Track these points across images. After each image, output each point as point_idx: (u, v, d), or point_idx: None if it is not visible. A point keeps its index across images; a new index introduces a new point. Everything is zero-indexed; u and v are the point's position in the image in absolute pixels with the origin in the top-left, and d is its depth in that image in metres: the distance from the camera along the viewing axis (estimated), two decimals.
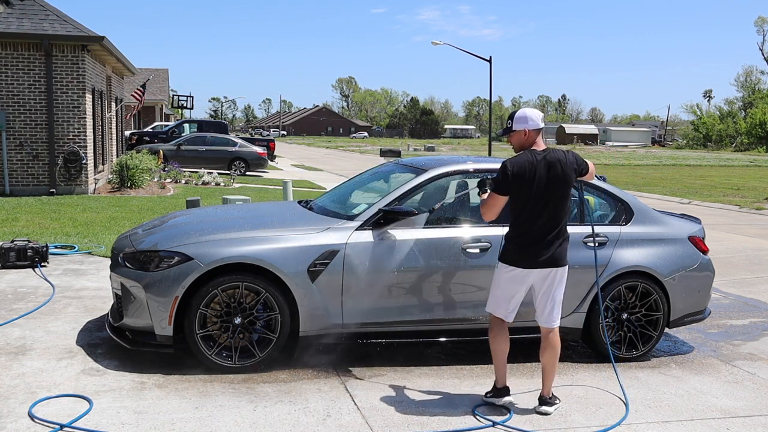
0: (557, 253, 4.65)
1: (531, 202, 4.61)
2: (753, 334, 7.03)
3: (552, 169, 4.60)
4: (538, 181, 4.58)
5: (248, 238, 5.29)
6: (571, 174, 4.68)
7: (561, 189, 4.63)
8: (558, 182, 4.61)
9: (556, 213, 4.63)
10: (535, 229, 4.63)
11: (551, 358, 4.78)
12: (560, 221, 4.66)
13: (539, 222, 4.62)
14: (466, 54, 35.59)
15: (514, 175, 4.59)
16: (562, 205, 4.65)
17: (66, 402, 4.54)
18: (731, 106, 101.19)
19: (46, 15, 15.60)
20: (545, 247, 4.62)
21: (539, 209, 4.61)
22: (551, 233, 4.62)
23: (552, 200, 4.60)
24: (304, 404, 4.69)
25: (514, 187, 4.61)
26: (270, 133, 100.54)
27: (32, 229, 10.98)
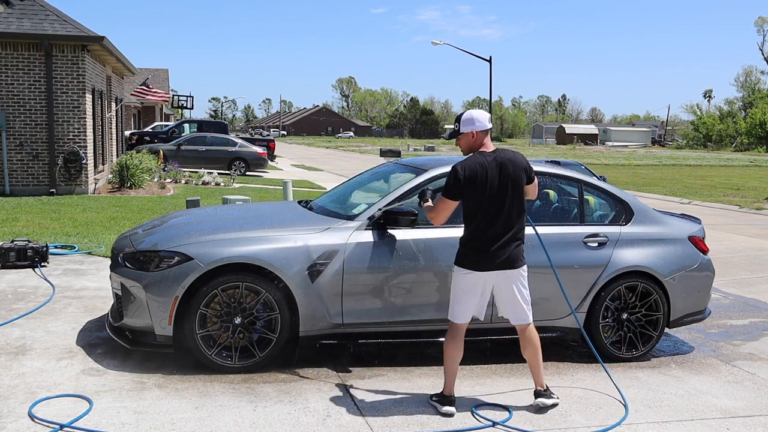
0: (513, 254, 4.63)
1: (485, 205, 4.57)
2: (753, 334, 7.03)
3: (503, 170, 4.58)
4: (490, 182, 4.55)
5: (248, 238, 5.29)
6: (522, 174, 4.65)
7: (513, 190, 4.60)
8: (510, 183, 4.58)
9: (510, 214, 4.60)
10: (490, 232, 4.59)
11: (533, 354, 4.78)
12: (515, 223, 4.63)
13: (494, 224, 4.58)
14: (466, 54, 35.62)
15: (466, 178, 4.55)
16: (516, 206, 4.62)
17: (66, 402, 4.54)
18: (731, 106, 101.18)
19: (46, 15, 15.60)
20: (501, 248, 4.59)
21: (494, 211, 4.57)
22: (507, 235, 4.60)
23: (506, 202, 4.58)
24: (304, 404, 4.69)
25: (467, 190, 4.57)
26: (270, 133, 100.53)
27: (32, 229, 10.98)
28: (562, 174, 6.22)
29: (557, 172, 6.23)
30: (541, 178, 6.13)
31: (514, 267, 4.65)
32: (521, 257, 4.69)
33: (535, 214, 6.09)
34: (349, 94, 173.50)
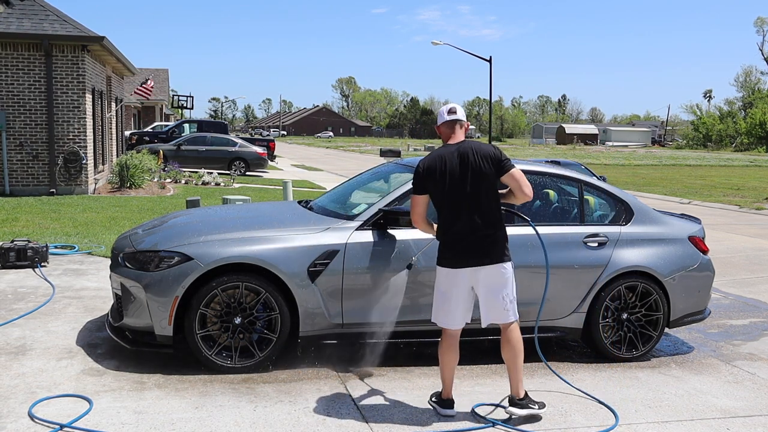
0: (487, 249, 4.40)
1: (448, 198, 4.44)
2: (753, 334, 7.03)
3: (463, 160, 4.40)
4: (450, 173, 4.41)
5: (248, 238, 5.29)
6: (485, 164, 4.38)
7: (477, 180, 4.38)
8: (471, 173, 4.38)
9: (478, 206, 4.40)
10: (456, 227, 4.44)
11: (512, 357, 4.52)
12: (486, 215, 4.41)
13: (459, 218, 4.43)
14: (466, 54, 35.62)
15: (426, 170, 4.46)
16: (483, 197, 4.40)
17: (66, 402, 4.54)
18: (731, 106, 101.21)
19: (46, 15, 15.60)
20: (470, 244, 4.41)
21: (456, 204, 4.43)
22: (474, 229, 4.40)
23: (468, 193, 4.39)
24: (304, 404, 4.69)
25: (428, 184, 4.48)
26: (270, 133, 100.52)
27: (32, 229, 10.98)
28: (562, 174, 6.22)
29: (557, 172, 6.23)
30: (541, 178, 6.15)
31: (490, 262, 4.40)
32: (498, 252, 4.43)
33: (535, 214, 6.09)
34: (349, 94, 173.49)
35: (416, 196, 4.55)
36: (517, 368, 4.54)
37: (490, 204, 4.45)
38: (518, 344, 4.52)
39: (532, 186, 6.12)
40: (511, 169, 4.45)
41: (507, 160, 4.47)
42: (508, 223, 4.81)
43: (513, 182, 4.46)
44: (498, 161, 4.43)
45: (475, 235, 4.42)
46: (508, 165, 4.45)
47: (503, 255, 4.46)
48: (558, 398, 5.02)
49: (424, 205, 4.57)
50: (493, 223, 4.46)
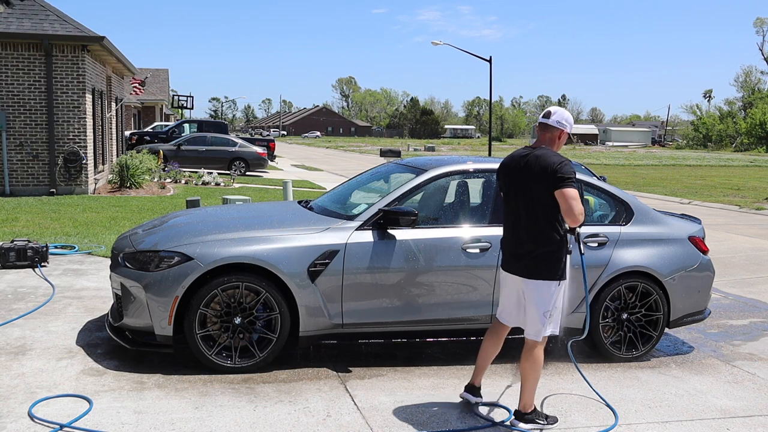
0: (527, 262, 4.33)
1: (505, 200, 4.54)
2: (753, 334, 7.03)
3: (526, 166, 4.33)
4: (511, 176, 4.44)
5: (248, 238, 5.29)
6: (541, 174, 4.22)
7: (529, 189, 4.30)
8: (527, 181, 4.31)
9: (527, 216, 4.33)
10: (507, 231, 4.52)
11: (528, 369, 4.40)
12: (533, 227, 4.30)
13: (510, 223, 4.48)
14: (466, 54, 35.62)
15: (499, 167, 4.60)
16: (533, 208, 4.30)
17: (66, 402, 4.54)
18: (731, 106, 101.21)
19: (46, 15, 15.60)
20: (514, 253, 4.42)
21: (512, 208, 4.46)
22: (520, 239, 4.37)
23: (522, 200, 4.36)
24: (304, 404, 4.69)
25: (499, 180, 4.61)
26: (270, 132, 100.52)
27: (32, 229, 10.98)
28: None
29: None
30: None
31: (524, 275, 4.36)
32: (538, 269, 4.29)
33: None
34: (349, 94, 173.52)
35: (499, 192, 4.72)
36: (529, 382, 4.43)
37: (539, 217, 4.28)
38: (535, 361, 4.39)
39: None
40: (565, 187, 4.15)
41: (564, 178, 4.16)
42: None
43: (562, 202, 4.18)
44: (553, 175, 4.19)
45: (517, 246, 4.42)
46: (562, 183, 4.16)
47: (544, 272, 4.29)
48: (558, 398, 5.02)
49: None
50: (539, 238, 4.29)
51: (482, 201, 5.95)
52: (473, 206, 6.04)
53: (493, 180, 5.88)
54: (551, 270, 4.29)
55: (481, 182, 5.99)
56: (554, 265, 4.29)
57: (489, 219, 5.77)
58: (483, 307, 5.63)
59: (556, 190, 4.17)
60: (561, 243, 4.29)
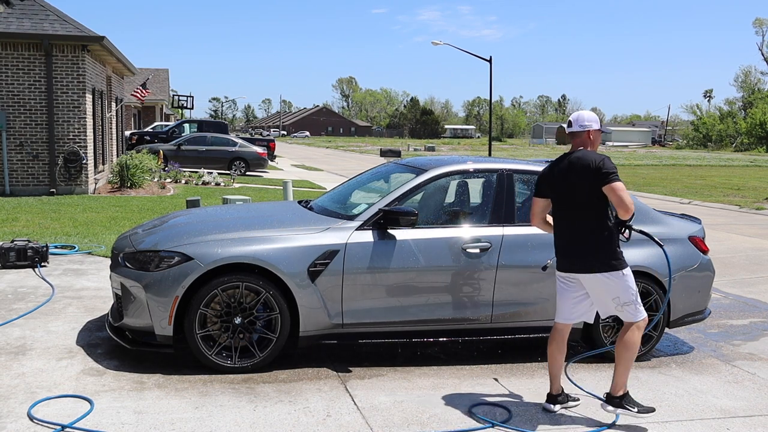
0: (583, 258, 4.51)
1: (554, 204, 4.68)
2: (753, 334, 7.03)
3: (568, 169, 4.55)
4: (557, 181, 4.60)
5: (248, 238, 5.29)
6: (584, 173, 4.43)
7: (575, 189, 4.49)
8: (572, 182, 4.50)
9: (576, 215, 4.53)
10: (559, 233, 4.68)
11: (622, 351, 4.54)
12: (583, 225, 4.51)
13: (562, 225, 4.64)
14: (466, 54, 35.61)
15: (542, 176, 4.75)
16: (581, 207, 4.50)
17: (66, 402, 4.54)
18: (731, 106, 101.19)
19: (46, 15, 15.60)
20: (570, 251, 4.59)
21: (561, 211, 4.63)
22: (573, 238, 4.56)
23: (570, 201, 4.55)
24: (304, 404, 4.69)
25: (544, 189, 4.72)
26: (270, 132, 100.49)
27: (32, 229, 10.98)
28: None
29: None
30: None
31: (583, 272, 4.52)
32: (599, 262, 4.46)
33: None
34: (349, 94, 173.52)
35: (534, 197, 4.82)
36: (622, 365, 4.55)
37: (588, 214, 4.49)
38: (633, 344, 4.52)
39: (533, 186, 6.16)
40: (613, 182, 4.36)
41: (609, 172, 4.38)
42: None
43: (612, 196, 4.38)
44: (597, 171, 4.40)
45: (575, 246, 4.56)
46: (608, 177, 4.37)
47: (603, 264, 4.46)
48: None
49: (539, 207, 4.78)
50: (593, 234, 4.48)
51: (482, 201, 5.94)
52: (473, 206, 6.04)
53: (493, 180, 5.88)
54: (615, 260, 4.49)
55: (481, 182, 5.99)
56: (615, 255, 4.50)
57: (489, 219, 5.77)
58: (483, 307, 5.63)
59: (604, 185, 4.38)
60: (613, 234, 4.52)
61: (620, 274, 4.51)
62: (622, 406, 4.59)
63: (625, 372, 4.58)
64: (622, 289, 4.52)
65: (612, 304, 4.56)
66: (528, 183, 6.12)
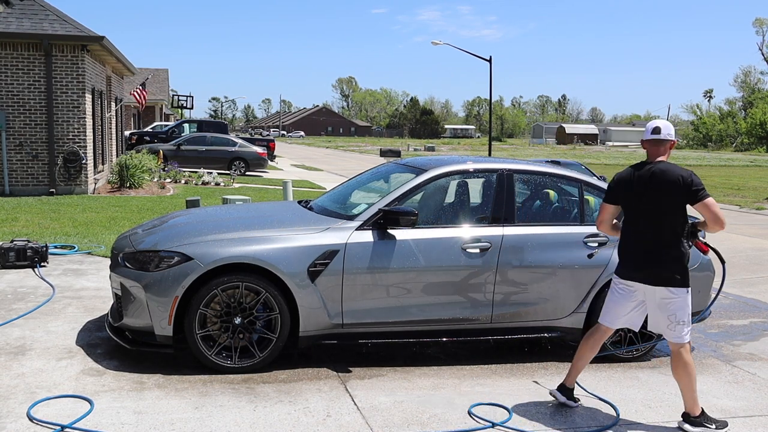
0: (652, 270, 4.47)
1: (628, 214, 4.64)
2: (753, 334, 7.02)
3: (650, 180, 4.48)
4: (635, 191, 4.53)
5: (248, 238, 5.28)
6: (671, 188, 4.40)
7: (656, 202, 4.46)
8: (654, 195, 4.46)
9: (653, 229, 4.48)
10: (631, 243, 4.61)
11: (680, 375, 4.54)
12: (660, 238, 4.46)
13: (635, 236, 4.57)
14: (466, 54, 35.61)
15: (617, 182, 4.68)
16: (660, 220, 4.46)
17: (66, 402, 4.54)
18: (731, 106, 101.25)
19: (46, 15, 15.60)
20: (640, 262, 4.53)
21: (636, 222, 4.57)
22: (648, 249, 4.49)
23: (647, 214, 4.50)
24: (304, 404, 4.69)
25: (618, 196, 4.68)
26: (270, 132, 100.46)
27: (32, 229, 10.98)
28: (562, 174, 6.22)
29: (557, 172, 6.23)
30: (541, 178, 6.15)
31: (650, 283, 4.49)
32: (667, 276, 4.44)
33: (535, 214, 6.09)
34: (349, 94, 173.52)
35: (604, 204, 4.78)
36: (687, 386, 4.55)
37: (666, 227, 4.46)
38: (687, 366, 4.52)
39: (533, 186, 6.17)
40: (705, 198, 4.39)
41: (700, 189, 4.39)
42: None
43: (706, 212, 4.42)
44: (687, 188, 4.39)
45: (644, 256, 4.52)
46: (700, 194, 4.38)
47: (676, 280, 4.45)
48: None
49: (609, 213, 4.76)
50: (667, 248, 4.45)
51: (482, 201, 5.94)
52: (473, 206, 6.04)
53: (493, 180, 5.88)
54: (682, 277, 4.47)
55: (481, 182, 5.98)
56: (683, 273, 4.48)
57: (489, 219, 5.77)
58: (483, 307, 5.63)
59: (698, 202, 4.40)
60: (686, 252, 4.49)
61: (684, 291, 4.49)
62: (702, 425, 4.56)
63: (692, 393, 4.56)
64: (681, 307, 4.49)
65: (665, 321, 4.51)
66: (528, 183, 6.12)
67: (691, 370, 4.54)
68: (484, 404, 4.83)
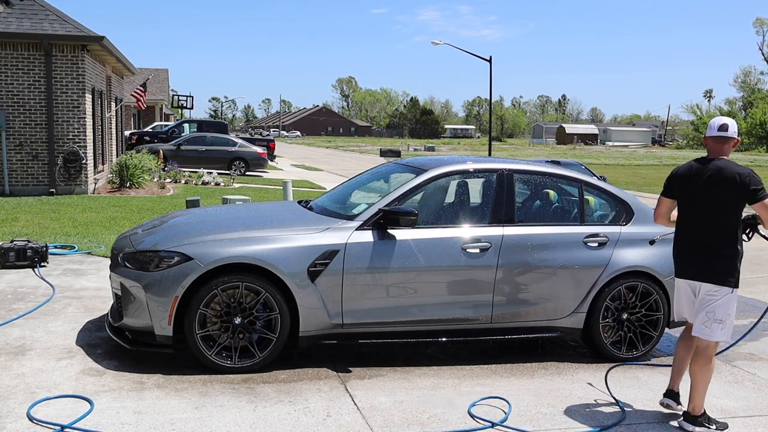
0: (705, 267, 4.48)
1: (685, 209, 4.62)
2: (753, 334, 7.00)
3: (710, 177, 4.45)
4: (693, 186, 4.51)
5: (248, 238, 5.28)
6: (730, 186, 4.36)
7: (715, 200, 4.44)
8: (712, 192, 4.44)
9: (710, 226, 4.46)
10: (686, 239, 4.61)
11: (695, 370, 4.55)
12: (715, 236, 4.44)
13: (690, 232, 4.58)
14: (466, 54, 35.60)
15: (675, 176, 4.68)
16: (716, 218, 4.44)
17: (66, 402, 4.54)
18: (731, 106, 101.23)
19: (46, 15, 15.60)
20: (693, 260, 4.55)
21: (692, 217, 4.56)
22: (701, 247, 4.49)
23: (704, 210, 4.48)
24: (304, 404, 4.69)
25: (674, 190, 4.67)
26: (270, 132, 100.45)
27: (32, 229, 10.98)
28: (562, 174, 6.22)
29: (557, 172, 6.23)
30: (541, 178, 6.15)
31: (701, 280, 4.50)
32: (718, 274, 4.43)
33: (535, 214, 6.09)
34: (349, 94, 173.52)
35: (661, 197, 4.78)
36: (699, 385, 4.55)
37: (722, 225, 4.44)
38: (707, 364, 4.54)
39: (533, 186, 6.17)
40: (764, 198, 4.35)
41: (759, 188, 4.34)
42: None
43: (764, 213, 4.37)
44: (745, 187, 4.36)
45: (698, 253, 4.53)
46: (759, 194, 4.35)
47: (724, 278, 4.45)
48: (558, 398, 5.02)
49: (666, 207, 4.77)
50: (722, 245, 4.45)
51: (482, 201, 5.94)
52: (473, 206, 6.04)
53: (493, 180, 5.88)
54: (731, 277, 4.45)
55: (481, 182, 5.99)
56: (733, 272, 4.46)
57: (489, 219, 5.77)
58: (483, 307, 5.63)
59: (756, 202, 4.37)
60: (740, 251, 4.49)
61: (729, 291, 4.47)
62: (702, 425, 4.56)
63: (703, 392, 4.57)
64: (722, 307, 4.47)
65: (702, 317, 4.51)
66: (528, 183, 6.13)
67: (710, 370, 4.55)
68: (484, 404, 4.82)
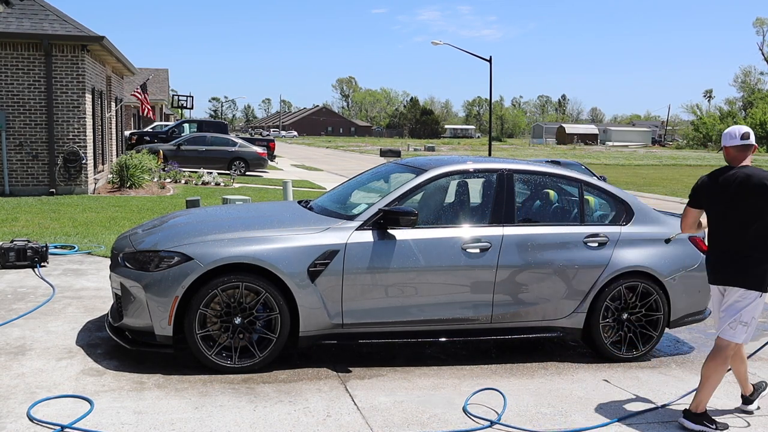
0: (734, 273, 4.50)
1: (714, 218, 4.62)
2: (753, 334, 7.00)
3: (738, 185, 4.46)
4: (721, 195, 4.53)
5: (248, 238, 5.29)
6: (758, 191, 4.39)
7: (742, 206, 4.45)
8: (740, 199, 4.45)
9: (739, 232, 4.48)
10: (716, 247, 4.63)
11: (710, 371, 4.56)
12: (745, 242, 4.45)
13: (721, 240, 4.59)
14: (466, 54, 35.61)
15: (701, 186, 4.67)
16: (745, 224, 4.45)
17: (66, 402, 4.54)
18: (731, 106, 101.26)
19: (46, 15, 15.60)
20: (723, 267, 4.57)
21: (721, 226, 4.58)
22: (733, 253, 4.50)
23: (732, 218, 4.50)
24: (304, 404, 4.69)
25: (701, 200, 4.67)
26: (270, 132, 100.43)
27: (32, 229, 10.98)
28: (562, 174, 6.22)
29: (557, 172, 6.23)
30: (541, 178, 6.15)
31: (731, 284, 4.53)
32: (747, 277, 4.45)
33: (535, 214, 6.09)
34: (349, 94, 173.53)
35: (687, 207, 4.78)
36: (709, 383, 4.56)
37: (751, 230, 4.44)
38: (722, 364, 4.56)
39: (533, 186, 6.17)
40: None
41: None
42: None
43: None
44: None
45: (728, 257, 4.54)
46: None
47: (752, 282, 4.46)
48: (558, 398, 5.02)
49: (693, 218, 4.77)
50: (751, 249, 4.45)
51: (482, 201, 5.94)
52: (473, 206, 6.04)
53: (493, 180, 5.88)
54: (760, 280, 4.46)
55: (481, 182, 5.99)
56: (761, 276, 4.45)
57: (489, 219, 5.77)
58: (483, 307, 5.63)
59: None
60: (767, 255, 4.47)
61: (757, 295, 4.49)
62: (702, 423, 4.57)
63: (710, 392, 4.58)
64: (749, 310, 4.51)
65: (727, 318, 4.55)
66: (528, 183, 6.13)
67: (723, 371, 4.57)
68: (483, 404, 4.82)
